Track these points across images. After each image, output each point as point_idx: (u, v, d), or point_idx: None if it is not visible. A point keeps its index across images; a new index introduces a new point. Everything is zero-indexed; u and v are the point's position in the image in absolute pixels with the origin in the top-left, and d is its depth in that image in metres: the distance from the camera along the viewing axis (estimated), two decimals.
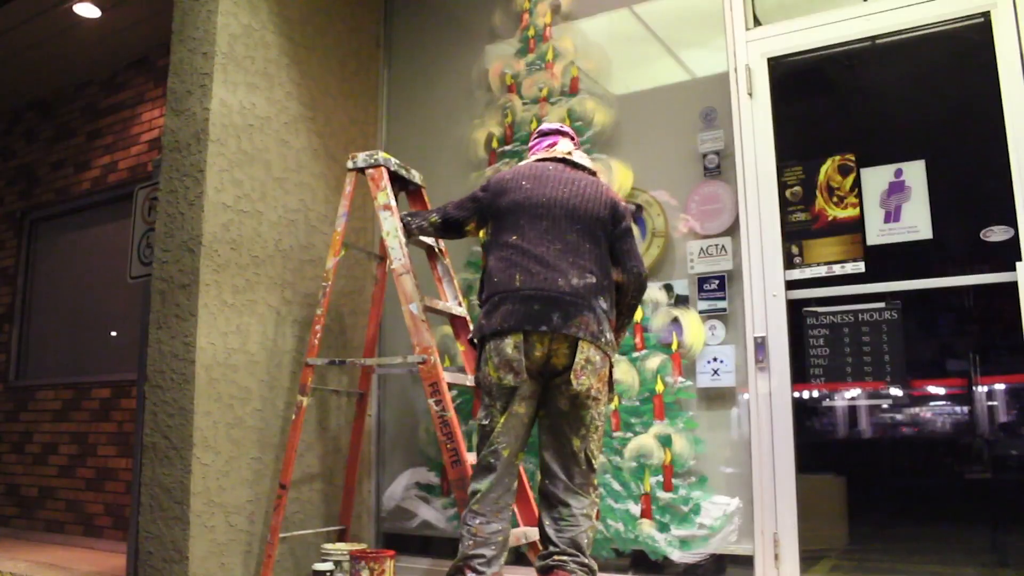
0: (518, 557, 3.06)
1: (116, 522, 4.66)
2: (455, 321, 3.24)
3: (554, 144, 2.64)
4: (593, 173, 2.58)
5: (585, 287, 2.31)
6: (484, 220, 2.59)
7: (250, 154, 3.30)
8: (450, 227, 2.73)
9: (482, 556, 2.26)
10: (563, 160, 2.56)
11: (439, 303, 3.11)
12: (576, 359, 2.24)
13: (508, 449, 2.31)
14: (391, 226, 2.91)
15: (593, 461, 2.34)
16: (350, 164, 3.11)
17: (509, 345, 2.26)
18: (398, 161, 3.20)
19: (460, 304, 3.22)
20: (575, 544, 2.28)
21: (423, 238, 3.13)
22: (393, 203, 2.97)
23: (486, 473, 2.32)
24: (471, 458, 2.56)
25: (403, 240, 2.88)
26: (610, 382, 2.39)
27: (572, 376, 2.24)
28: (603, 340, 2.29)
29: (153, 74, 5.13)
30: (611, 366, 2.37)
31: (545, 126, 2.74)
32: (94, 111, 5.52)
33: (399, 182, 3.23)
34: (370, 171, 3.08)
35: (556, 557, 2.27)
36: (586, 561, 2.28)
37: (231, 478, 3.05)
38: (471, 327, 3.10)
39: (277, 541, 3.00)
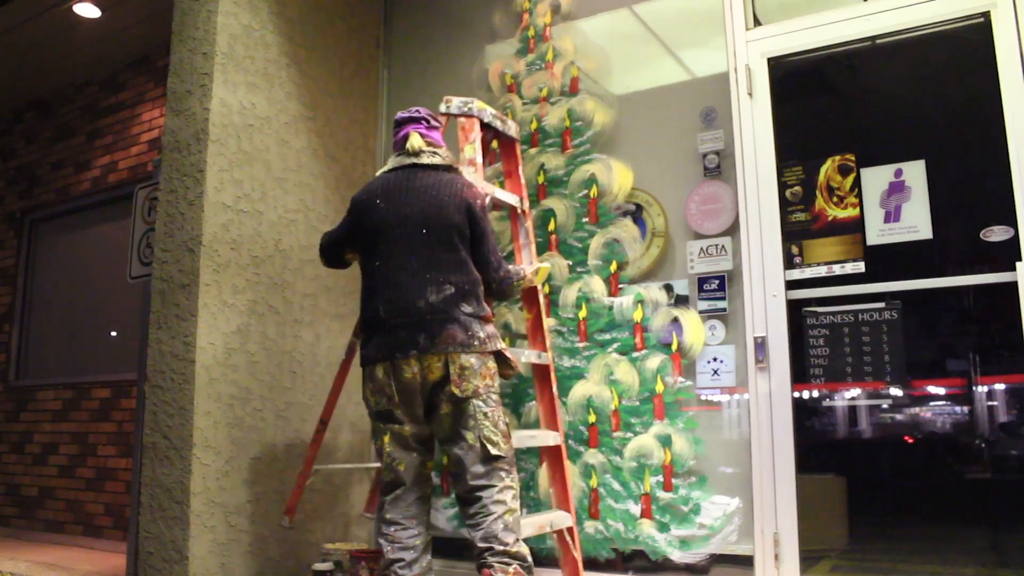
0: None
1: (116, 522, 4.66)
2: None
3: (405, 136, 2.61)
4: (449, 168, 2.58)
5: (444, 300, 2.37)
6: (355, 244, 2.62)
7: (250, 154, 3.30)
8: (330, 255, 2.77)
9: (402, 560, 2.36)
10: (413, 166, 2.55)
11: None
12: (451, 371, 2.33)
13: (403, 463, 2.43)
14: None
15: (491, 447, 2.34)
16: (443, 108, 2.92)
17: (379, 371, 2.39)
18: (493, 111, 3.05)
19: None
20: (489, 536, 2.27)
21: (502, 197, 3.06)
22: (479, 159, 2.86)
23: (390, 488, 2.44)
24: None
25: None
26: (501, 364, 2.46)
27: (453, 387, 2.32)
28: (475, 343, 2.36)
29: (153, 74, 5.14)
30: (495, 352, 2.43)
31: (399, 114, 2.69)
32: (94, 111, 5.52)
33: (491, 131, 3.07)
34: (462, 120, 2.92)
35: (478, 559, 2.29)
36: (504, 548, 2.26)
37: (231, 478, 3.06)
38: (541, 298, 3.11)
39: (310, 472, 3.10)
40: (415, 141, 2.57)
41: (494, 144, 3.23)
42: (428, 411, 2.40)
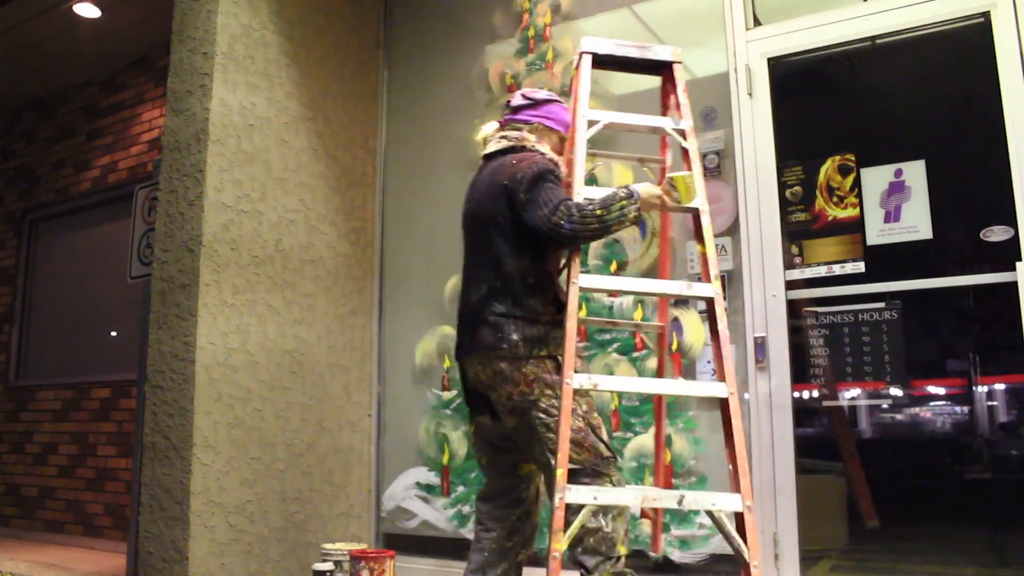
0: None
1: (116, 522, 4.66)
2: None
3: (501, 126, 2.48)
4: (512, 149, 2.35)
5: (479, 300, 2.28)
6: None
7: (250, 154, 3.30)
8: None
9: (471, 561, 2.38)
10: (484, 157, 2.44)
11: None
12: (486, 374, 2.25)
13: (485, 456, 2.40)
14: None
15: (554, 463, 2.12)
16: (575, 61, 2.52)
17: (457, 368, 2.40)
18: (620, 42, 2.54)
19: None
20: (574, 561, 2.13)
21: (629, 121, 2.53)
22: (584, 90, 2.44)
23: (483, 481, 2.44)
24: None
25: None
26: (547, 374, 2.18)
27: (489, 390, 2.25)
28: (504, 346, 2.18)
29: (153, 74, 5.13)
30: (534, 359, 2.17)
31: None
32: (94, 111, 5.52)
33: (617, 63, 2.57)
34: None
35: None
36: (581, 574, 2.11)
37: (231, 478, 3.06)
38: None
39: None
40: (482, 131, 2.48)
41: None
42: (496, 415, 2.30)
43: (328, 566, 3.02)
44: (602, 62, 2.52)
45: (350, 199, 3.80)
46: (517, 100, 2.47)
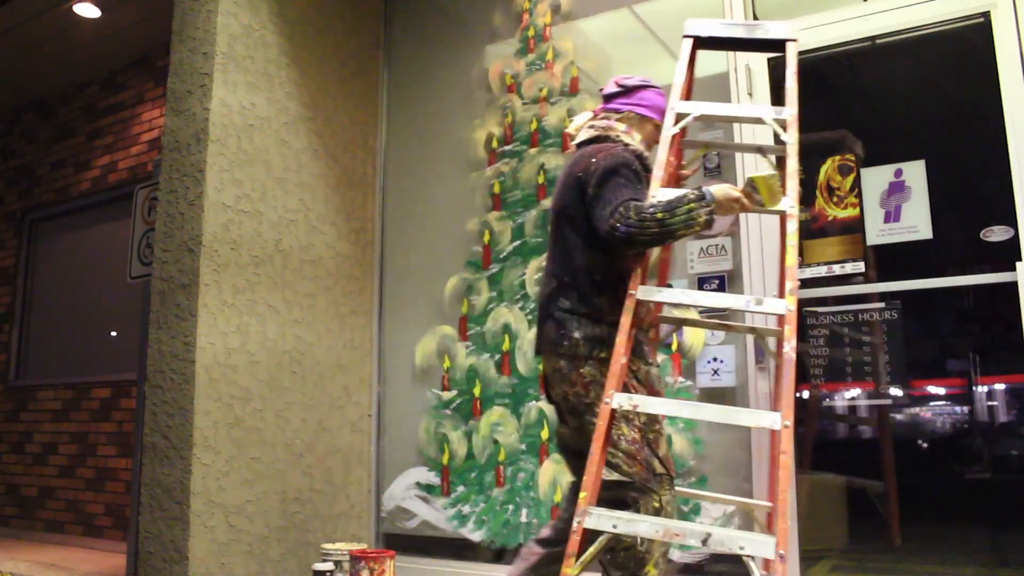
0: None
1: (116, 522, 4.66)
2: None
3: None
4: (595, 140, 2.26)
5: (547, 296, 2.22)
6: None
7: (250, 154, 3.30)
8: None
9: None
10: (577, 146, 2.32)
11: None
12: (548, 371, 2.20)
13: (569, 467, 2.33)
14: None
15: (605, 472, 2.02)
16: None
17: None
18: (727, 22, 2.37)
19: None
20: (600, 563, 2.04)
21: (714, 111, 2.36)
22: (679, 80, 2.26)
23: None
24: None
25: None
26: (605, 378, 2.05)
27: (551, 388, 2.20)
28: (565, 344, 2.11)
29: (153, 74, 5.13)
30: (593, 360, 2.09)
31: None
32: (94, 111, 5.52)
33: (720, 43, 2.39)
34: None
35: None
36: None
37: (231, 478, 3.05)
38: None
39: None
40: (575, 121, 2.38)
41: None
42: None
43: (328, 566, 3.02)
44: (706, 43, 2.33)
45: (350, 199, 3.80)
46: (609, 88, 2.37)
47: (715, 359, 3.00)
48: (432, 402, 3.61)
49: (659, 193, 2.06)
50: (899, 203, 2.79)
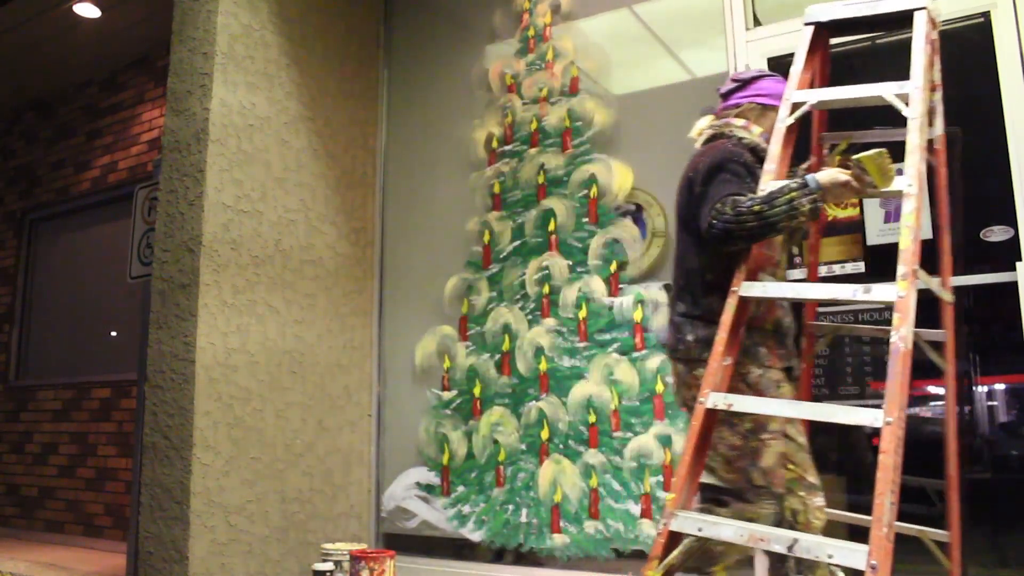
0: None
1: (116, 522, 4.66)
2: None
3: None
4: (713, 137, 2.21)
5: (670, 300, 2.21)
6: None
7: (250, 154, 3.30)
8: None
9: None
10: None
11: None
12: (673, 375, 2.18)
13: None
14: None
15: (704, 475, 1.98)
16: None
17: None
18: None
19: None
20: None
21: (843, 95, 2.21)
22: (797, 73, 2.16)
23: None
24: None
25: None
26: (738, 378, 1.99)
27: (675, 394, 2.19)
28: (680, 348, 2.09)
29: (153, 74, 5.14)
30: (706, 362, 1.97)
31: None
32: (94, 111, 5.52)
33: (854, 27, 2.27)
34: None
35: None
36: None
37: (231, 478, 3.06)
38: None
39: None
40: (696, 126, 2.30)
41: None
42: None
43: (328, 566, 3.02)
44: (831, 29, 2.21)
45: (350, 199, 3.80)
46: (726, 86, 2.30)
47: None
48: (432, 402, 3.61)
49: (768, 187, 1.96)
50: (899, 203, 2.78)
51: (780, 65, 3.02)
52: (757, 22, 3.10)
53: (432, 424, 3.58)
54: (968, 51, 2.78)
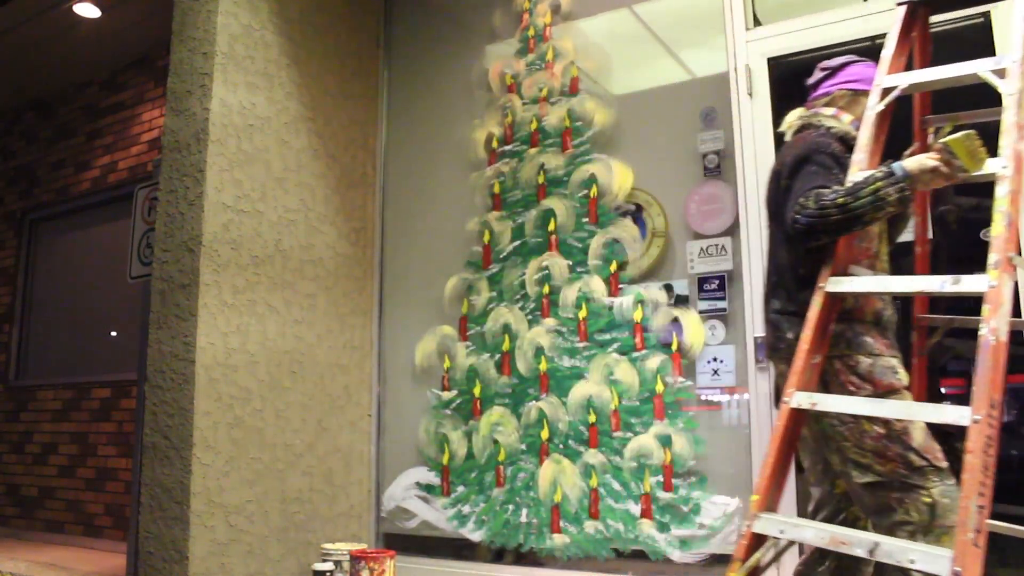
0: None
1: (116, 522, 4.66)
2: None
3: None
4: (802, 129, 2.14)
5: (764, 297, 2.15)
6: None
7: (250, 154, 3.30)
8: None
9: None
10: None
11: None
12: (776, 375, 2.13)
13: (810, 468, 2.16)
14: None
15: (857, 475, 1.87)
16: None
17: None
18: None
19: None
20: None
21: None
22: (889, 51, 2.09)
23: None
24: None
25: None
26: (830, 376, 1.92)
27: (780, 393, 2.06)
28: (782, 348, 2.02)
29: (153, 74, 5.14)
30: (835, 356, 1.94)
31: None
32: (94, 111, 5.52)
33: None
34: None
35: None
36: None
37: (231, 478, 3.06)
38: None
39: None
40: (786, 120, 2.24)
41: None
42: None
43: (328, 566, 3.02)
44: (928, 5, 2.15)
45: (350, 199, 3.80)
46: (814, 76, 2.25)
47: (715, 359, 3.00)
48: (432, 402, 3.61)
49: (854, 178, 1.90)
50: None
51: (780, 65, 3.03)
52: (757, 22, 3.10)
53: (432, 424, 3.58)
54: (968, 51, 2.78)
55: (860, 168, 1.93)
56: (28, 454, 5.36)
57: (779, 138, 2.93)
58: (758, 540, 1.76)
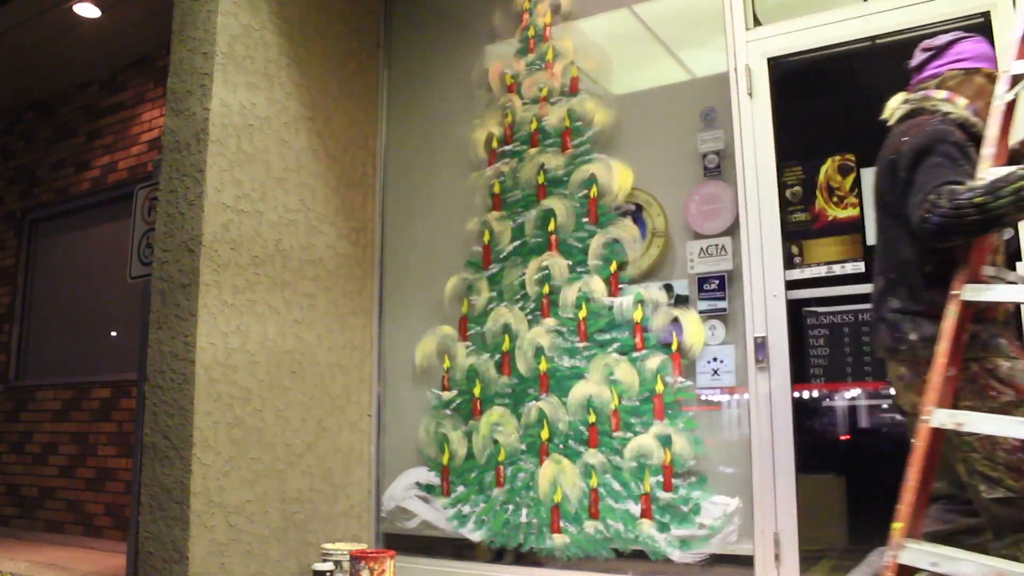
0: None
1: (116, 522, 4.66)
2: None
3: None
4: (909, 115, 2.01)
5: (877, 296, 2.00)
6: None
7: (250, 154, 3.30)
8: None
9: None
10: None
11: None
12: (891, 379, 1.99)
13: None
14: None
15: (984, 489, 1.75)
16: None
17: None
18: None
19: None
20: None
21: None
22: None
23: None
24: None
25: None
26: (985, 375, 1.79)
27: (896, 398, 1.99)
28: (902, 348, 1.90)
29: (153, 74, 5.14)
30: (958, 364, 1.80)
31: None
32: (94, 111, 5.52)
33: None
34: None
35: None
36: None
37: (231, 478, 3.06)
38: None
39: None
40: (888, 106, 2.10)
41: None
42: None
43: (328, 566, 3.02)
44: None
45: (350, 199, 3.80)
46: (917, 57, 2.11)
47: (715, 359, 3.00)
48: (432, 402, 3.61)
49: (988, 174, 1.75)
50: None
51: (780, 65, 3.03)
52: (757, 22, 3.10)
53: (432, 424, 3.58)
54: None
55: (991, 164, 1.78)
56: (28, 454, 5.36)
57: (783, 137, 2.94)
58: (904, 572, 1.62)
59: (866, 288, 2.78)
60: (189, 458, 2.92)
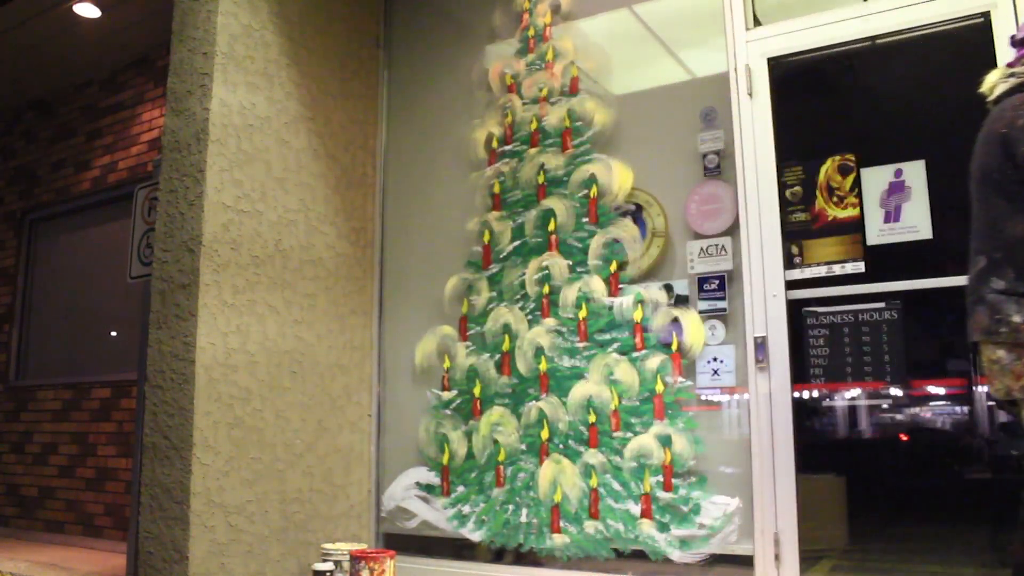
0: None
1: (116, 522, 4.66)
2: None
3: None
4: (1015, 90, 1.95)
5: (975, 276, 1.93)
6: None
7: (250, 154, 3.30)
8: None
9: None
10: (994, 103, 2.00)
11: None
12: (985, 363, 1.93)
13: None
14: None
15: None
16: None
17: None
18: None
19: None
20: None
21: None
22: None
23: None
24: None
25: None
26: None
27: (988, 384, 1.93)
28: (1003, 331, 1.83)
29: (153, 74, 5.14)
30: None
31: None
32: (94, 111, 5.52)
33: None
34: None
35: None
36: None
37: (231, 478, 3.06)
38: None
39: None
40: (987, 80, 2.03)
41: None
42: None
43: (328, 566, 3.02)
44: None
45: (350, 199, 3.80)
46: (1021, 31, 2.03)
47: (715, 359, 3.00)
48: (432, 402, 3.61)
49: None
50: (899, 203, 2.79)
51: (780, 65, 3.03)
52: (757, 22, 3.10)
53: (432, 424, 3.58)
54: (968, 51, 2.78)
55: None
56: (28, 454, 5.36)
57: (783, 137, 2.94)
58: None
59: (866, 288, 2.80)
60: (189, 458, 2.92)
